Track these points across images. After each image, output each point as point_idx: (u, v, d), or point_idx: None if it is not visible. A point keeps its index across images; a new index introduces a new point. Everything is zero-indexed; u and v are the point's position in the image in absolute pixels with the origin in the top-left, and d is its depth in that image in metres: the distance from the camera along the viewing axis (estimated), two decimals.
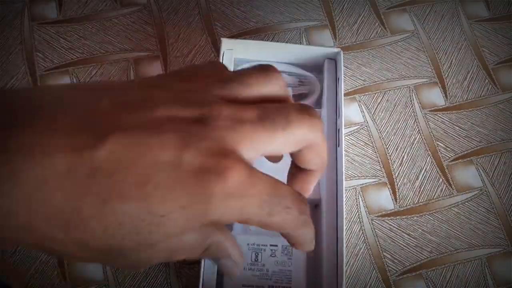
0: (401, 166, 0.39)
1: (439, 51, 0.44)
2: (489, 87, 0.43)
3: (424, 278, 0.36)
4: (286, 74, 0.39)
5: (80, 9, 0.44)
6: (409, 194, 0.39)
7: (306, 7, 0.45)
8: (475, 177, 0.39)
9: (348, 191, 0.38)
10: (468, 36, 0.45)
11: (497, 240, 0.37)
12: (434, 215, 0.38)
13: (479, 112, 0.42)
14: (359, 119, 0.41)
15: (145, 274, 0.35)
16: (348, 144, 0.40)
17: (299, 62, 0.38)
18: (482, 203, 0.39)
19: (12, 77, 0.40)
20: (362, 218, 0.38)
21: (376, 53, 0.43)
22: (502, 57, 0.44)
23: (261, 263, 0.31)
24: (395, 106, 0.41)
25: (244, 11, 0.44)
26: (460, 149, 0.40)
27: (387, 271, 0.36)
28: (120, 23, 0.43)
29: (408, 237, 0.37)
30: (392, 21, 0.45)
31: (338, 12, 0.45)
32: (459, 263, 0.37)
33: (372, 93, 0.42)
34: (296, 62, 0.38)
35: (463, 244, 0.37)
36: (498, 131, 0.41)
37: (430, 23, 0.45)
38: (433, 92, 0.42)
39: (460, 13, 0.46)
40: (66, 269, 0.35)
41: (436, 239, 0.37)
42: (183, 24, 0.43)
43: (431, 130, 0.41)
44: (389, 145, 0.40)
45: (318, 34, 0.44)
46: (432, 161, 0.40)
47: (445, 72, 0.43)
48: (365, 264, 0.36)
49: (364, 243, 0.37)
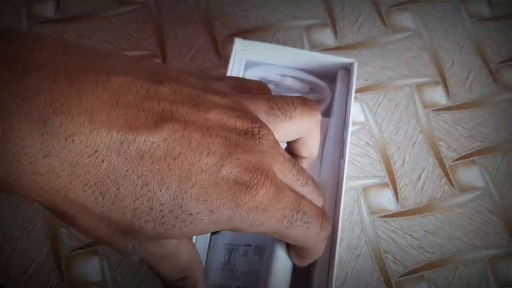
0: (402, 166, 0.39)
1: (441, 50, 0.43)
2: (491, 87, 0.42)
3: (426, 279, 0.36)
4: (298, 81, 0.38)
5: (79, 7, 0.43)
6: (411, 195, 0.38)
7: (307, 6, 0.44)
8: (477, 177, 0.39)
9: (349, 192, 0.38)
10: (470, 35, 0.44)
11: (500, 241, 0.37)
12: (436, 215, 0.38)
13: (482, 112, 0.41)
14: (361, 119, 0.40)
15: (143, 277, 0.35)
16: (349, 144, 0.39)
17: (312, 69, 0.38)
18: (485, 203, 0.38)
19: None
20: (363, 219, 0.37)
21: (377, 52, 0.43)
22: (505, 56, 0.43)
23: (232, 263, 0.30)
24: (397, 106, 0.41)
25: (244, 10, 0.44)
26: (463, 149, 0.40)
27: (389, 272, 0.36)
28: (119, 22, 0.43)
29: (410, 238, 0.37)
30: (393, 20, 0.44)
31: (339, 10, 0.44)
32: (462, 264, 0.36)
33: (373, 92, 0.41)
34: (309, 69, 0.38)
35: (466, 245, 0.37)
36: (501, 131, 0.41)
37: (432, 22, 0.45)
38: (435, 92, 0.42)
39: (462, 12, 0.45)
40: (64, 271, 0.34)
41: (438, 240, 0.37)
42: (182, 23, 0.43)
43: (433, 129, 0.40)
44: (391, 145, 0.40)
45: (319, 33, 0.43)
46: (434, 161, 0.39)
47: (447, 71, 0.43)
48: (366, 266, 0.36)
49: (366, 244, 0.36)
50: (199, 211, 0.18)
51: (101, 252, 0.35)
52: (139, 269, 0.35)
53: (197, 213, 0.18)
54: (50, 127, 0.16)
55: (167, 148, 0.18)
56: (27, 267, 0.34)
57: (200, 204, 0.18)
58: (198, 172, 0.18)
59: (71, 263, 0.35)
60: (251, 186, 0.19)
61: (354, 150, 0.39)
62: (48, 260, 0.35)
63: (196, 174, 0.18)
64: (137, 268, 0.35)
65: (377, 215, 0.37)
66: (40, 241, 0.35)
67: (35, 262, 0.35)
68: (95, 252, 0.35)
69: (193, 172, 0.18)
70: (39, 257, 0.35)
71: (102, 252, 0.35)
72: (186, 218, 0.18)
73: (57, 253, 0.35)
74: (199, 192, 0.18)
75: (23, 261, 0.35)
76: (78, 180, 0.17)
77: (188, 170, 0.18)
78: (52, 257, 0.35)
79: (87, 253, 0.35)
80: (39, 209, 0.36)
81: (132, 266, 0.35)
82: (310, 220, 0.22)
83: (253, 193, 0.19)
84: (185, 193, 0.18)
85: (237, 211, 0.19)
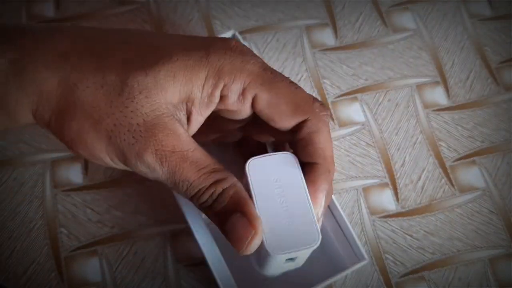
0: (403, 166, 0.39)
1: (441, 50, 0.43)
2: (492, 87, 0.42)
3: (427, 280, 0.36)
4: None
5: (78, 7, 0.43)
6: (411, 195, 0.38)
7: (307, 5, 0.44)
8: (478, 177, 0.39)
9: (349, 192, 0.38)
10: (471, 35, 0.44)
11: (500, 242, 0.37)
12: (436, 216, 0.38)
13: (482, 112, 0.41)
14: (361, 119, 0.40)
15: (143, 277, 0.35)
16: (349, 144, 0.39)
17: None
18: (485, 204, 0.38)
19: None
20: (363, 219, 0.37)
21: (377, 51, 0.43)
22: (505, 56, 0.43)
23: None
24: (397, 106, 0.41)
25: (244, 9, 0.44)
26: (463, 149, 0.40)
27: (389, 272, 0.36)
28: (119, 21, 0.43)
29: (410, 238, 0.37)
30: (394, 20, 0.44)
31: (339, 10, 0.44)
32: (462, 265, 0.36)
33: (373, 93, 0.41)
34: None
35: (466, 246, 0.37)
36: (501, 131, 0.41)
37: (432, 22, 0.44)
38: (435, 92, 0.42)
39: (462, 12, 0.45)
40: (63, 271, 0.34)
41: (438, 240, 0.37)
42: (182, 22, 0.43)
43: (433, 130, 0.40)
44: (391, 145, 0.40)
45: (319, 33, 0.43)
46: (435, 162, 0.39)
47: (447, 71, 0.43)
48: (366, 266, 0.36)
49: (366, 244, 0.36)
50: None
51: (101, 252, 0.35)
52: (139, 269, 0.35)
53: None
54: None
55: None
56: (26, 267, 0.34)
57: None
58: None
59: (71, 263, 0.35)
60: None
61: (354, 150, 0.39)
62: (47, 260, 0.35)
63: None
64: (137, 268, 0.35)
65: (377, 215, 0.37)
66: (39, 241, 0.35)
67: (34, 262, 0.35)
68: (94, 252, 0.35)
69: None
70: (38, 257, 0.35)
71: (102, 252, 0.35)
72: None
73: (57, 253, 0.35)
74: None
75: (22, 261, 0.35)
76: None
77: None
78: (51, 257, 0.35)
79: (86, 253, 0.35)
80: (39, 209, 0.36)
81: (132, 266, 0.35)
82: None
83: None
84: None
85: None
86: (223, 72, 0.24)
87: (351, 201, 0.38)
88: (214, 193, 0.23)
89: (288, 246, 0.24)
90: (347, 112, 0.40)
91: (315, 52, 0.42)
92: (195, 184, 0.23)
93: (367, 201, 0.38)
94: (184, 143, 0.23)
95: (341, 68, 0.42)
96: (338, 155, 0.39)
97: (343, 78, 0.42)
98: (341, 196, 0.38)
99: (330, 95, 0.41)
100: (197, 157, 0.23)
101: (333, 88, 0.41)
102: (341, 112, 0.40)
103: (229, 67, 0.24)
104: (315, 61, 0.42)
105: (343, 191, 0.38)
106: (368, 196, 0.38)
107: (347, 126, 0.40)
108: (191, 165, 0.23)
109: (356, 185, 0.38)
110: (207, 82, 0.24)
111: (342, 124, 0.40)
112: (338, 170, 0.39)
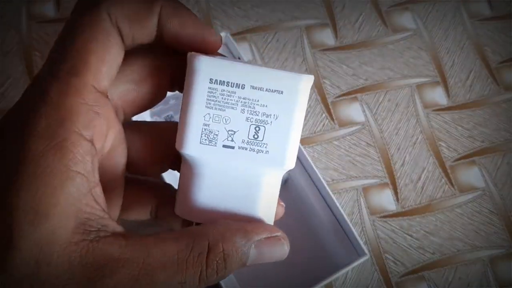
0: (403, 166, 0.39)
1: (441, 50, 0.43)
2: (491, 87, 0.42)
3: (427, 280, 0.36)
4: None
5: None
6: (411, 195, 0.38)
7: (307, 6, 0.44)
8: (477, 177, 0.39)
9: (349, 192, 0.38)
10: (471, 35, 0.44)
11: (500, 241, 0.37)
12: (436, 216, 0.38)
13: (482, 112, 0.41)
14: (361, 119, 0.40)
15: None
16: (349, 144, 0.40)
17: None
18: (485, 203, 0.38)
19: (9, 77, 0.40)
20: (363, 219, 0.37)
21: (377, 52, 0.43)
22: (505, 56, 0.43)
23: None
24: (397, 106, 0.41)
25: (244, 9, 0.44)
26: (463, 149, 0.40)
27: (389, 272, 0.36)
28: None
29: (410, 238, 0.37)
30: (394, 20, 0.44)
31: (339, 10, 0.44)
32: (462, 264, 0.36)
33: (373, 93, 0.41)
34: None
35: (466, 245, 0.37)
36: (501, 131, 0.41)
37: (432, 22, 0.44)
38: (435, 92, 0.42)
39: (462, 12, 0.45)
40: None
41: (438, 240, 0.37)
42: None
43: (433, 130, 0.40)
44: (391, 145, 0.40)
45: (319, 33, 0.43)
46: (435, 162, 0.39)
47: (447, 71, 0.43)
48: (366, 266, 0.36)
49: (366, 244, 0.36)
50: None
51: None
52: None
53: None
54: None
55: None
56: None
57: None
58: None
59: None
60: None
61: (354, 150, 0.39)
62: None
63: None
64: None
65: (377, 215, 0.37)
66: None
67: None
68: None
69: None
70: None
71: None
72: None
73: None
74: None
75: None
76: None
77: None
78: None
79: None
80: None
81: None
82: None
83: None
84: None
85: None
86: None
87: (351, 201, 0.38)
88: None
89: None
90: (347, 112, 0.41)
91: (315, 52, 0.43)
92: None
93: (367, 201, 0.38)
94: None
95: (341, 68, 0.42)
96: (338, 155, 0.39)
97: (343, 78, 0.42)
98: (341, 196, 0.38)
99: (330, 95, 0.41)
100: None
101: (333, 88, 0.41)
102: (341, 112, 0.41)
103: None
104: (315, 61, 0.42)
105: (343, 191, 0.38)
106: (368, 196, 0.38)
107: (347, 126, 0.40)
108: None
109: (356, 185, 0.38)
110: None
111: (342, 124, 0.40)
112: (338, 170, 0.39)
